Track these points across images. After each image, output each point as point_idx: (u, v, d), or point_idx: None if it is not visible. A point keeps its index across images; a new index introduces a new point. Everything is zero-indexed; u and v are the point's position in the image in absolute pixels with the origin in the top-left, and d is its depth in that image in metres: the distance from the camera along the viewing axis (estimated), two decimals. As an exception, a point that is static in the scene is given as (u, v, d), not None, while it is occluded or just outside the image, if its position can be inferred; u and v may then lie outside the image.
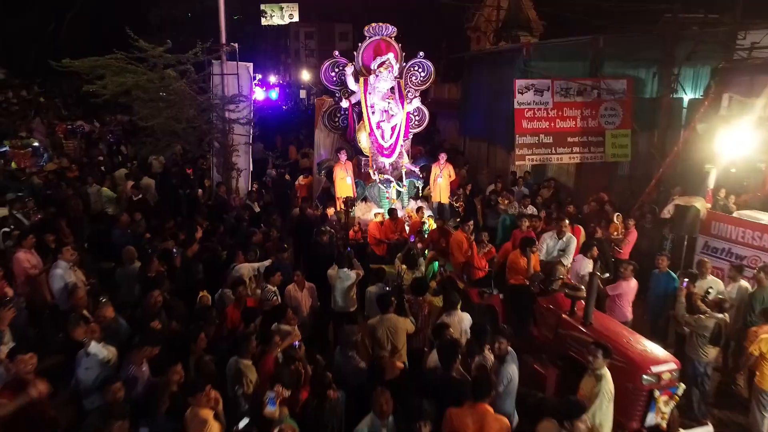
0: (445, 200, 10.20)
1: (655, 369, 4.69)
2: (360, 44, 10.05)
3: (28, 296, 6.37)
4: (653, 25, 13.03)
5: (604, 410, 4.08)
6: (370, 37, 9.97)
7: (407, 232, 8.63)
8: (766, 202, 8.64)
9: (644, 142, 12.63)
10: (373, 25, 9.99)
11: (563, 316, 5.54)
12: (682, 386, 4.80)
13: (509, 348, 4.40)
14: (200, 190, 10.68)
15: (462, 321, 5.24)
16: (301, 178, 11.35)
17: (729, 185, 9.37)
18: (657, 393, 4.68)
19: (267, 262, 6.67)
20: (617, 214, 8.64)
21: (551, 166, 12.87)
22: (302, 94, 34.99)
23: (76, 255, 6.46)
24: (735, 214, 7.92)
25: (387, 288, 5.76)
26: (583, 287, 5.42)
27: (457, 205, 9.89)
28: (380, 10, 34.16)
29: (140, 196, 9.61)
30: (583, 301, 5.33)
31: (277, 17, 50.15)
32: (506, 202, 9.76)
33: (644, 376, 4.67)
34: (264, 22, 46.31)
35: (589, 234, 8.28)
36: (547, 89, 12.17)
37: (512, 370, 4.30)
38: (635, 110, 12.39)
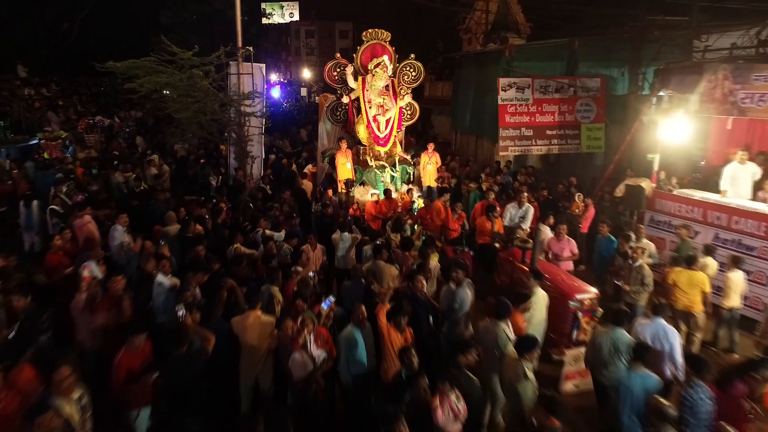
0: (433, 184, 11.93)
1: (579, 296, 6.43)
2: (359, 47, 11.77)
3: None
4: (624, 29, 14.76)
5: (533, 314, 5.82)
6: (367, 41, 11.68)
7: (400, 209, 10.36)
8: (705, 182, 10.33)
9: (616, 134, 14.30)
10: (370, 30, 11.70)
11: (517, 264, 7.28)
12: (601, 310, 6.52)
13: (465, 278, 6.11)
14: (218, 177, 12.44)
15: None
16: (310, 166, 13.12)
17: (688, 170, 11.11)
18: (580, 315, 6.42)
19: (282, 233, 8.44)
20: (578, 194, 10.35)
21: (532, 156, 14.57)
22: (303, 91, 36.58)
23: (128, 221, 8.18)
24: (675, 192, 9.64)
25: (378, 242, 7.49)
26: (531, 240, 7.15)
27: (442, 185, 11.59)
28: (380, 10, 35.87)
29: (143, 187, 11.31)
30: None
31: (278, 16, 51.93)
32: (487, 185, 11.47)
33: (570, 302, 6.41)
34: (265, 21, 48.11)
35: (558, 210, 10.08)
36: (528, 87, 13.84)
37: (465, 294, 5.98)
38: (608, 106, 14.09)
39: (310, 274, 6.30)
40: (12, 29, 24.39)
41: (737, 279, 7.04)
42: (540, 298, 5.92)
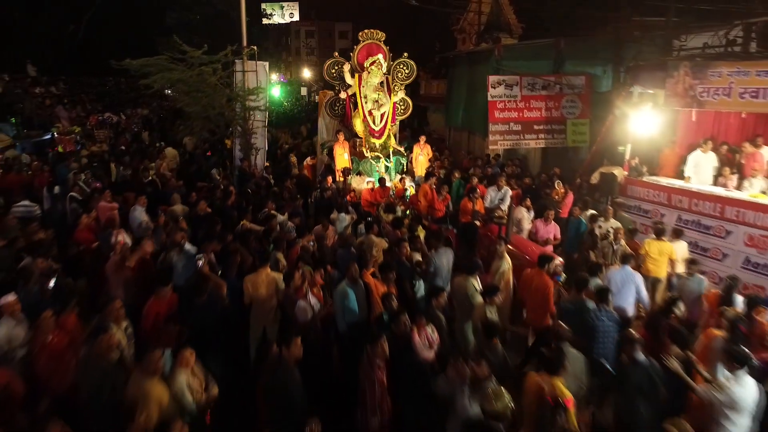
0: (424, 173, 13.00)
1: (545, 263, 7.48)
2: (355, 46, 12.87)
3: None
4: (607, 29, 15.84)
5: (501, 272, 6.88)
6: (363, 41, 12.80)
7: (393, 196, 11.44)
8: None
9: (599, 129, 15.34)
10: (366, 31, 12.82)
11: (494, 238, 8.34)
12: (564, 276, 7.58)
13: (443, 246, 7.18)
14: (219, 169, 13.56)
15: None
16: (309, 158, 14.23)
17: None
18: (546, 279, 7.46)
19: (285, 216, 9.50)
20: (558, 181, 11.41)
21: (521, 150, 15.65)
22: (303, 91, 37.55)
23: (147, 202, 9.27)
24: (644, 179, 10.70)
25: (369, 219, 8.57)
26: (506, 217, 8.22)
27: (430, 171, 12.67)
28: (379, 10, 36.98)
29: (149, 178, 12.39)
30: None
31: (278, 16, 53.09)
32: (476, 180, 12.53)
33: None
34: (265, 21, 49.33)
35: (540, 196, 11.20)
36: (516, 84, 14.84)
37: (440, 259, 7.08)
38: (592, 102, 15.14)
39: (310, 242, 7.38)
40: (21, 30, 25.54)
41: (680, 249, 8.11)
42: (507, 261, 7.00)
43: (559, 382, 4.41)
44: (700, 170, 10.28)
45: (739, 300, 6.18)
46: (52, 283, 6.45)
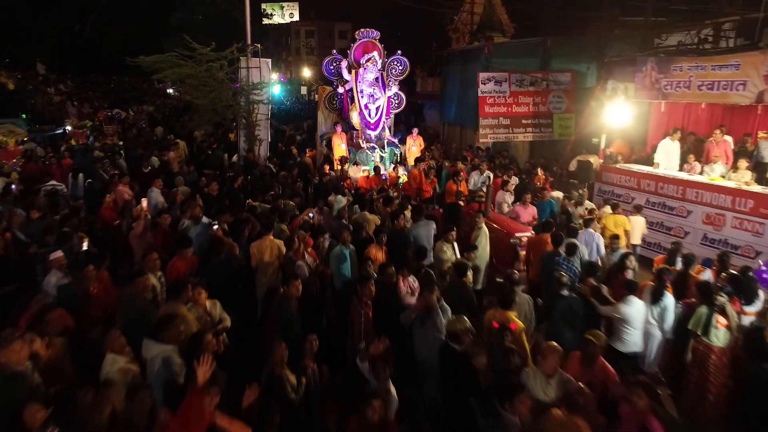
0: (417, 163, 14.15)
1: (518, 235, 8.62)
2: (352, 44, 14.03)
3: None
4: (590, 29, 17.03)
5: (480, 243, 8.00)
6: (359, 39, 13.96)
7: (387, 184, 12.56)
8: (647, 159, 12.49)
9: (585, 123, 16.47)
10: (362, 30, 13.99)
11: (474, 214, 9.47)
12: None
13: (422, 219, 8.31)
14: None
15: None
16: (307, 151, 15.37)
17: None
18: (519, 249, 8.58)
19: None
20: (539, 169, 12.53)
21: (510, 142, 16.77)
22: (303, 90, 38.81)
23: (162, 185, 10.41)
24: (618, 166, 11.80)
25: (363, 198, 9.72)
26: (485, 195, 9.36)
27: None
28: (378, 11, 38.19)
29: (149, 169, 13.55)
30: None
31: (278, 16, 54.39)
32: (461, 165, 13.66)
33: (512, 240, 8.58)
34: (266, 21, 50.66)
35: (524, 182, 12.33)
36: (505, 80, 16.01)
37: (417, 231, 8.20)
38: (577, 97, 16.27)
39: (310, 215, 8.53)
40: (24, 30, 26.78)
41: (638, 222, 9.23)
42: (483, 231, 8.13)
43: (512, 315, 5.52)
44: (669, 157, 11.39)
45: (680, 261, 7.32)
46: (85, 246, 7.57)
